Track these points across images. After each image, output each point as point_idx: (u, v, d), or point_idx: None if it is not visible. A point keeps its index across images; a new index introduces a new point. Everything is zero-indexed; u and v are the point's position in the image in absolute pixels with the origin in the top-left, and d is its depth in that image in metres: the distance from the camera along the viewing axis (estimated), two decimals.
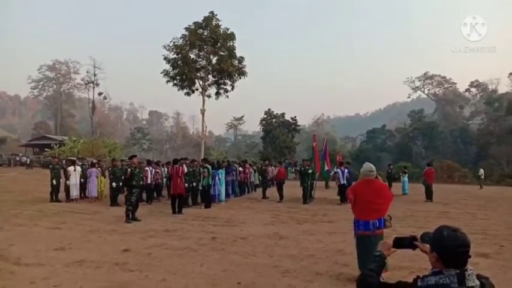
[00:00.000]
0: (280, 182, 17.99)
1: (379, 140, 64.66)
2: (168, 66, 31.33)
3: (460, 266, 1.95)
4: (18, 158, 49.44)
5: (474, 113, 68.55)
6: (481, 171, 31.42)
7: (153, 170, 16.11)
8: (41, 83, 78.41)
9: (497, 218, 13.04)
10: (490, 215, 13.87)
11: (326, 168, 19.14)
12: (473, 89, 72.50)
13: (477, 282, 1.92)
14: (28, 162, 46.28)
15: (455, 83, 75.41)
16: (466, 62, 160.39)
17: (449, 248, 1.96)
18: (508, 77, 67.34)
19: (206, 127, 34.90)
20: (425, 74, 75.93)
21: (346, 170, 17.29)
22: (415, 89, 78.40)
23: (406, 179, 22.42)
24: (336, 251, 7.67)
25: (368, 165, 6.06)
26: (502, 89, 67.61)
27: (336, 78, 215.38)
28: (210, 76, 32.65)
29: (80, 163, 17.89)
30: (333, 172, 22.71)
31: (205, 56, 32.07)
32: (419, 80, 76.75)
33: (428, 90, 78.68)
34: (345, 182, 16.52)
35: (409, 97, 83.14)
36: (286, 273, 6.10)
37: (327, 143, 20.09)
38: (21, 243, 7.93)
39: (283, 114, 52.63)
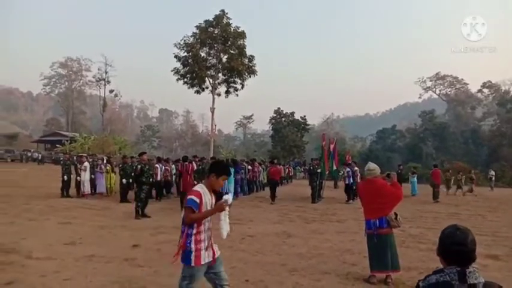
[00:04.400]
0: (272, 182, 17.09)
1: (389, 140, 64.23)
2: (178, 65, 31.54)
3: (461, 264, 1.95)
4: (30, 154, 50.03)
5: (486, 114, 67.73)
6: (492, 172, 31.12)
7: (163, 167, 16.22)
8: (53, 80, 79.15)
9: (508, 220, 12.88)
10: (501, 217, 13.71)
11: (334, 167, 19.09)
12: (485, 90, 71.55)
13: (481, 280, 1.92)
14: (40, 158, 46.83)
15: (467, 84, 74.66)
16: (478, 62, 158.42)
17: (446, 246, 2.00)
18: None
19: (215, 125, 35.12)
20: (436, 74, 75.35)
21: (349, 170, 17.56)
22: (427, 89, 77.91)
23: (415, 179, 22.27)
24: (344, 250, 7.65)
25: (368, 165, 6.08)
26: None
27: (346, 77, 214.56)
28: (220, 74, 32.75)
29: (91, 159, 18.08)
30: (342, 172, 22.69)
31: (215, 55, 32.19)
32: (430, 80, 76.26)
33: (440, 90, 78.04)
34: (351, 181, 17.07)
35: (420, 97, 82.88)
36: (294, 272, 6.10)
37: (336, 143, 20.04)
38: (33, 238, 8.04)
39: (292, 113, 52.56)
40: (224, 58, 32.19)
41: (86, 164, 16.02)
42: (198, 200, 3.56)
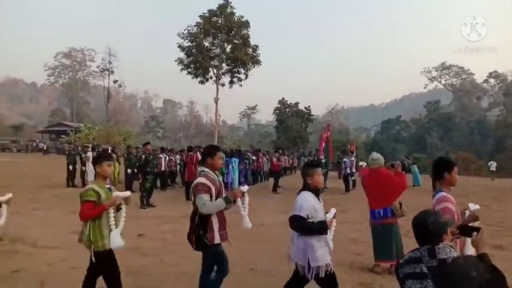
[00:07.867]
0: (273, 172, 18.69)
1: (394, 131, 63.98)
2: (182, 54, 31.35)
3: (427, 243, 2.19)
4: (35, 144, 50.31)
5: (492, 105, 67.27)
6: (491, 162, 31.44)
7: (167, 157, 16.26)
8: (57, 70, 79.02)
9: None
10: (505, 207, 13.68)
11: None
12: (491, 80, 71.02)
13: (451, 255, 2.08)
14: (45, 148, 47.06)
15: (473, 74, 74.13)
16: (485, 52, 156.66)
17: (412, 226, 2.32)
18: None
19: (219, 116, 34.90)
20: (442, 64, 74.73)
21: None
22: (432, 79, 77.34)
23: (416, 169, 22.24)
24: (349, 240, 7.66)
25: (372, 155, 6.08)
26: None
27: (351, 67, 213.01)
28: (223, 64, 32.56)
29: (96, 150, 18.14)
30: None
31: (219, 44, 31.95)
32: (436, 71, 75.68)
33: (445, 80, 77.48)
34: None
35: (425, 87, 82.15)
36: None
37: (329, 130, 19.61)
38: (38, 227, 8.11)
39: (297, 104, 52.19)
40: (228, 48, 31.93)
41: (89, 153, 16.04)
42: None
